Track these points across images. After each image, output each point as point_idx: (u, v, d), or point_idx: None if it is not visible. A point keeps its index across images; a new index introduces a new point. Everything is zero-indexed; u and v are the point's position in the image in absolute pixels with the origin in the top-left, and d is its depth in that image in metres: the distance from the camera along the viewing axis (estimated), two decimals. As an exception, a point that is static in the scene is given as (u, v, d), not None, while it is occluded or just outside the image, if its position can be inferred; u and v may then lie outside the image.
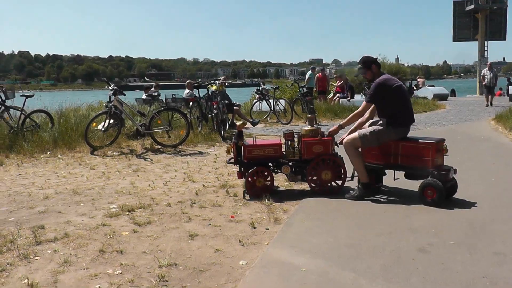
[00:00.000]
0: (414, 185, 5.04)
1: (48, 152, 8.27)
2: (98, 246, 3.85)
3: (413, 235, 3.88)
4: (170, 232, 4.16)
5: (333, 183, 5.11)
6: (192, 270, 3.35)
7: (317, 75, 17.55)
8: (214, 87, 10.62)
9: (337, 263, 3.33)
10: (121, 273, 3.37)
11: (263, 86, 13.89)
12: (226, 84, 12.63)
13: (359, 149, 4.91)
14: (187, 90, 12.10)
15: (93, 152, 8.28)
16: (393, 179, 5.10)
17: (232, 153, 5.22)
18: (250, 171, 5.03)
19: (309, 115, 5.58)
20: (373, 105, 4.97)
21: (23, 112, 9.21)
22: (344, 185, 5.21)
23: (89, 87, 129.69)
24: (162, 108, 9.10)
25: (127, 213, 4.74)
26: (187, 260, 3.53)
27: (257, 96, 14.12)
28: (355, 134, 4.87)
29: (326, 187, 5.07)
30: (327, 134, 5.18)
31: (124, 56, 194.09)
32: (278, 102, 13.47)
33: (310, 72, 18.14)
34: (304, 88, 14.98)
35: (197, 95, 11.05)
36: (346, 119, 5.23)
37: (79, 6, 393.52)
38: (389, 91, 4.73)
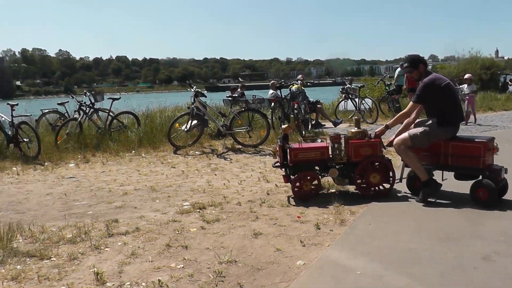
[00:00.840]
0: (460, 185, 4.86)
1: (133, 151, 8.75)
2: (166, 241, 3.99)
3: (480, 242, 3.67)
4: (235, 230, 4.20)
5: (381, 186, 5.02)
6: (250, 268, 3.38)
7: None
8: (295, 87, 10.65)
9: (394, 268, 3.23)
10: (182, 267, 3.46)
11: (348, 85, 13.59)
12: (308, 84, 12.56)
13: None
14: (271, 91, 12.21)
15: (176, 151, 8.62)
16: (441, 179, 4.95)
17: (278, 157, 5.19)
18: (296, 175, 4.98)
19: (356, 117, 5.54)
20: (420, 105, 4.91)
21: (110, 113, 9.82)
22: (393, 187, 5.10)
23: (184, 88, 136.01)
24: (243, 109, 9.25)
25: (198, 210, 4.86)
26: (247, 258, 3.56)
27: (342, 95, 13.86)
28: (405, 134, 4.79)
29: (374, 190, 4.99)
30: (373, 135, 5.07)
31: (218, 58, 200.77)
32: (363, 101, 13.11)
33: (399, 69, 17.38)
34: (391, 86, 14.41)
35: (280, 95, 11.09)
36: (393, 119, 5.23)
37: (175, 13, 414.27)
38: (438, 91, 4.69)
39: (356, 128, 5.16)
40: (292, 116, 10.04)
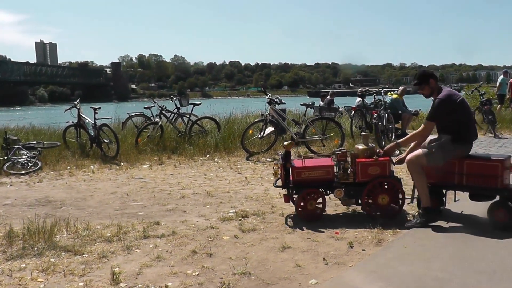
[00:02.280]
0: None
1: (207, 156, 9.06)
2: (194, 247, 4.10)
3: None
4: (266, 242, 4.20)
5: (390, 207, 4.79)
6: (260, 282, 3.37)
7: (511, 80, 15.30)
8: (395, 96, 10.34)
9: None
10: (197, 275, 3.55)
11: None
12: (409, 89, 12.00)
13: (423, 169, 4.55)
14: (358, 99, 11.90)
15: (248, 157, 8.78)
16: (454, 200, 4.82)
17: (279, 175, 4.92)
18: (300, 192, 4.75)
19: (363, 133, 5.23)
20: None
21: (190, 118, 10.27)
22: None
23: (294, 93, 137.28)
24: (316, 117, 9.16)
25: (240, 218, 4.91)
26: (263, 272, 3.55)
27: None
28: (419, 151, 4.55)
29: (382, 212, 4.74)
30: (382, 153, 4.83)
31: (330, 63, 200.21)
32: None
33: (502, 77, 15.87)
34: (485, 96, 13.22)
35: (363, 103, 10.80)
36: (405, 138, 4.99)
37: (288, 19, 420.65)
38: (454, 107, 4.53)
39: (363, 145, 4.90)
40: (373, 124, 9.73)
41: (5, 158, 8.07)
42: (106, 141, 9.05)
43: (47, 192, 6.50)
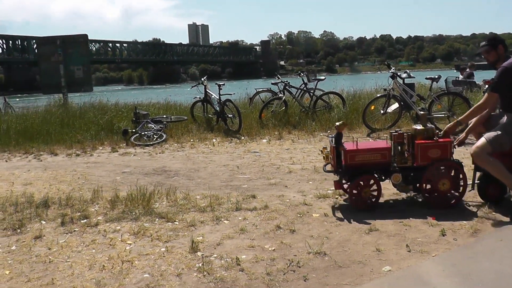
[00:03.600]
0: None
1: (328, 131, 8.89)
2: (280, 222, 4.07)
3: None
4: (355, 222, 4.01)
5: (450, 194, 4.38)
6: (332, 263, 3.24)
7: None
8: None
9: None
10: (273, 250, 3.54)
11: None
12: None
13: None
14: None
15: (369, 134, 8.46)
16: None
17: (330, 159, 4.54)
18: (355, 180, 4.29)
19: (422, 112, 4.67)
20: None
21: (315, 93, 10.17)
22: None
23: (448, 66, 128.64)
24: (442, 92, 8.45)
25: (337, 197, 4.74)
26: (340, 253, 3.41)
27: None
28: (482, 140, 4.11)
29: (443, 199, 4.34)
30: (442, 133, 4.39)
31: (487, 33, 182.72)
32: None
33: None
34: None
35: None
36: (466, 113, 4.53)
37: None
38: None
39: (421, 125, 4.37)
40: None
41: (133, 130, 8.83)
42: (230, 115, 9.39)
43: (165, 163, 6.97)
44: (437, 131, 4.48)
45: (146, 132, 8.77)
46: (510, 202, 4.35)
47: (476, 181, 4.41)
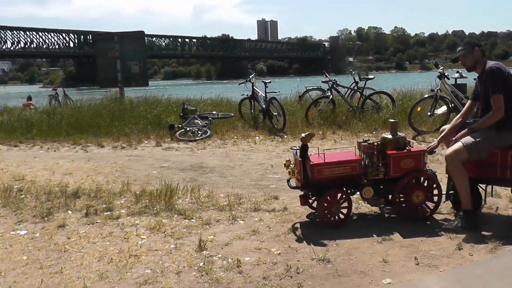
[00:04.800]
0: None
1: (374, 132, 8.67)
2: (295, 225, 4.02)
3: None
4: (370, 229, 3.91)
5: (425, 206, 4.14)
6: (333, 272, 3.18)
7: None
8: None
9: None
10: (278, 254, 3.51)
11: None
12: None
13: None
14: None
15: (415, 136, 8.14)
16: (491, 195, 4.36)
17: (296, 174, 4.14)
18: (326, 194, 3.97)
19: (392, 120, 4.28)
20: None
21: (363, 93, 9.92)
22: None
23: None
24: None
25: (360, 201, 4.61)
26: (344, 261, 3.34)
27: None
28: (459, 144, 3.84)
29: (417, 212, 4.11)
30: (412, 143, 4.18)
31: None
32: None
33: None
34: None
35: None
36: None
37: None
38: (505, 79, 3.86)
39: (391, 134, 4.07)
40: None
41: (179, 126, 9.01)
42: (275, 113, 9.36)
43: (203, 159, 7.06)
44: (408, 140, 4.18)
45: (191, 128, 8.93)
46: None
47: (450, 191, 4.18)
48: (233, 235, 3.86)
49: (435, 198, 4.08)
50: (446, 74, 8.40)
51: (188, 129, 8.89)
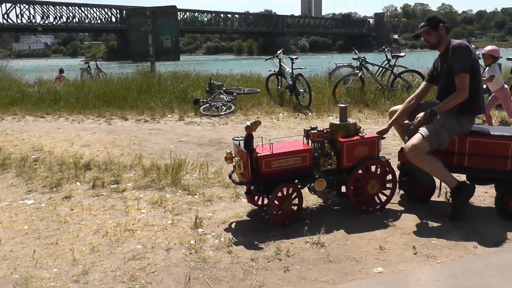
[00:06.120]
0: None
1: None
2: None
3: None
4: (374, 216, 3.70)
5: (379, 195, 3.85)
6: (325, 257, 3.05)
7: None
8: None
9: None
10: (273, 235, 3.41)
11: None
12: None
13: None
14: None
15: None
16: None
17: (241, 168, 3.57)
18: (276, 190, 3.51)
19: (341, 104, 3.85)
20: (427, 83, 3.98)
21: (393, 71, 9.56)
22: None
23: None
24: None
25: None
26: (339, 246, 3.20)
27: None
28: (418, 136, 3.53)
29: (372, 202, 3.84)
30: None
31: None
32: None
33: None
34: None
35: None
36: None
37: None
38: (473, 62, 3.61)
39: (340, 120, 3.75)
40: None
41: (204, 100, 8.93)
42: (301, 90, 9.15)
43: (223, 134, 6.97)
44: (359, 126, 3.81)
45: (216, 103, 8.83)
46: None
47: (403, 178, 3.94)
48: (232, 214, 3.78)
49: (390, 187, 3.82)
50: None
51: (212, 104, 8.80)
